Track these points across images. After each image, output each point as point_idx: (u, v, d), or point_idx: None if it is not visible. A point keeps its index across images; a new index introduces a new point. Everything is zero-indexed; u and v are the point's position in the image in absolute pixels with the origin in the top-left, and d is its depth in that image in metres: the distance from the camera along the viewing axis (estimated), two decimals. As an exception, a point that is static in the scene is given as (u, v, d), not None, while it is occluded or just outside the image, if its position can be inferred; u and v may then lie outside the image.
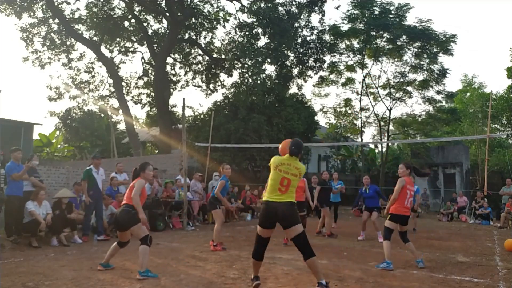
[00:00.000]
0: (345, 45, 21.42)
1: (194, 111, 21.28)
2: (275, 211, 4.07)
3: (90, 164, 8.57)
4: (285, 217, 4.05)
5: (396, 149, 28.85)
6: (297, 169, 4.20)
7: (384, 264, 5.61)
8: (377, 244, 8.25)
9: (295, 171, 4.18)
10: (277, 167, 4.22)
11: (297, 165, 4.22)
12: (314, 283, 4.75)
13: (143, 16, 21.76)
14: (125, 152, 25.11)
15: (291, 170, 4.18)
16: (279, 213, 4.05)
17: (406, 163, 6.04)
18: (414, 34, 19.43)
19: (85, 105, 23.27)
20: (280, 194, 4.11)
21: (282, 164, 4.22)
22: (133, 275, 5.07)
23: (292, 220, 4.06)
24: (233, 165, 17.71)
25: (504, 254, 7.30)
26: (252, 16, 18.19)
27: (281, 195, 4.10)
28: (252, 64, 17.19)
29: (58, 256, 6.38)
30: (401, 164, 6.03)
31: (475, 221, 14.25)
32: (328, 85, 22.43)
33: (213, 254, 6.65)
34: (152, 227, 9.86)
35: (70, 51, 21.06)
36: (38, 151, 26.65)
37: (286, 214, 4.05)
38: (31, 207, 7.21)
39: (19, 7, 18.39)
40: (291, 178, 4.15)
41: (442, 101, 21.79)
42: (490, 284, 4.96)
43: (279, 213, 4.05)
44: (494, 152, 23.29)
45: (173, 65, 23.37)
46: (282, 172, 4.17)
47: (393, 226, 5.75)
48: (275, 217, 4.08)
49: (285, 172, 4.17)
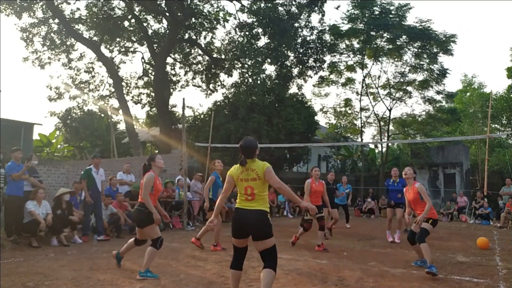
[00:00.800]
0: (345, 45, 21.42)
1: (194, 111, 21.31)
2: (244, 219, 3.67)
3: (90, 164, 8.57)
4: (255, 227, 3.63)
5: (396, 149, 28.84)
6: (253, 171, 3.70)
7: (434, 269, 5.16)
8: (377, 244, 8.24)
9: (253, 175, 3.69)
10: (238, 177, 3.77)
11: (253, 167, 3.72)
12: (314, 283, 4.76)
13: (143, 16, 21.76)
14: (125, 152, 25.12)
15: (250, 175, 3.71)
16: (249, 222, 3.65)
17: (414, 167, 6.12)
18: (414, 34, 19.43)
19: (85, 105, 23.30)
20: (248, 202, 3.70)
21: (241, 173, 3.76)
22: (133, 275, 5.07)
23: (262, 232, 3.62)
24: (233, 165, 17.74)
25: (504, 254, 7.29)
26: (252, 16, 18.19)
27: (249, 202, 3.69)
28: (252, 64, 17.19)
29: (58, 256, 6.38)
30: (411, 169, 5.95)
31: (475, 221, 14.24)
32: (328, 85, 22.43)
33: (213, 254, 6.65)
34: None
35: (70, 51, 21.07)
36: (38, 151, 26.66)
37: (256, 224, 3.63)
38: (31, 207, 7.22)
39: (19, 7, 18.39)
40: (252, 184, 3.68)
41: (442, 101, 21.80)
42: (490, 284, 4.96)
43: (249, 222, 3.65)
44: (494, 152, 23.29)
45: (173, 65, 23.38)
46: (243, 181, 3.74)
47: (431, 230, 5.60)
48: (245, 225, 3.67)
49: (245, 180, 3.73)
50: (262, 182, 3.69)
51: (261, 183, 3.68)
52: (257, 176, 3.68)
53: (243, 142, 3.82)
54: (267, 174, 3.67)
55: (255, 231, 3.63)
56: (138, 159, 16.48)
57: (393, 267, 5.82)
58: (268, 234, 3.63)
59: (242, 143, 3.81)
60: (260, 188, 3.69)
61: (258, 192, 3.68)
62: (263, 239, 3.61)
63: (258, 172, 3.69)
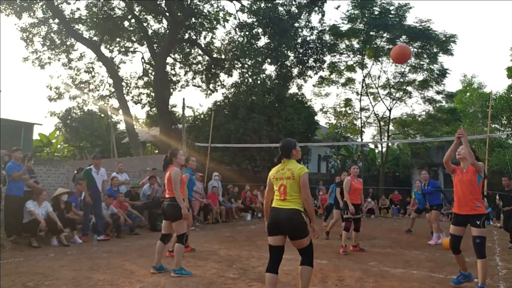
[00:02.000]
0: (345, 45, 21.42)
1: (194, 111, 21.28)
2: (278, 218, 3.75)
3: (91, 164, 8.57)
4: (290, 226, 3.70)
5: (396, 149, 28.84)
6: (288, 170, 3.81)
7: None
8: (377, 244, 8.24)
9: (288, 173, 3.80)
10: (273, 177, 3.91)
11: (289, 166, 3.84)
12: (314, 283, 4.76)
13: (143, 16, 21.74)
14: (125, 152, 25.11)
15: (285, 174, 3.82)
16: (283, 221, 3.71)
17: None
18: (414, 34, 19.43)
19: (85, 105, 23.25)
20: (281, 201, 3.79)
21: (277, 172, 3.89)
22: (133, 275, 5.08)
23: (298, 231, 3.69)
24: (233, 165, 17.74)
25: (504, 254, 7.29)
26: (252, 16, 18.17)
27: (283, 201, 3.78)
28: (252, 64, 17.18)
29: (58, 256, 6.38)
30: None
31: (475, 221, 14.23)
32: (328, 85, 22.44)
33: (213, 254, 6.65)
34: (152, 227, 9.89)
35: (70, 51, 21.04)
36: (38, 151, 26.70)
37: (290, 223, 3.69)
38: (31, 207, 7.22)
39: (19, 7, 18.37)
40: (285, 182, 3.78)
41: (442, 101, 21.80)
42: (490, 284, 4.96)
43: (283, 221, 3.71)
44: (494, 152, 23.25)
45: (173, 65, 23.35)
46: (279, 179, 3.85)
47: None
48: (279, 224, 3.74)
49: (280, 179, 3.83)
50: (296, 182, 3.74)
51: (295, 183, 3.75)
52: (291, 175, 3.76)
53: (282, 142, 3.97)
54: (302, 179, 3.74)
55: (290, 230, 3.70)
56: (138, 159, 16.48)
57: (393, 267, 5.82)
58: (304, 233, 3.70)
59: (280, 143, 3.95)
60: (293, 187, 3.75)
61: (290, 191, 3.74)
62: (299, 239, 3.69)
63: (294, 172, 3.77)
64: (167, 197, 5.25)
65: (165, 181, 5.32)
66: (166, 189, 5.28)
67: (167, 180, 5.22)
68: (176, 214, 5.10)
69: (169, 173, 5.19)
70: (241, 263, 5.90)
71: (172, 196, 5.14)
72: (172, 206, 5.12)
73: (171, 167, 5.27)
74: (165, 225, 5.31)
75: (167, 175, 5.24)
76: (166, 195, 5.31)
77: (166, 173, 5.28)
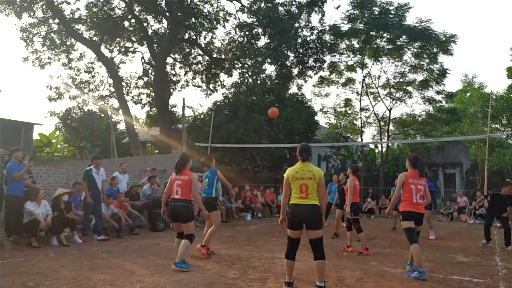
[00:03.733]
0: (345, 45, 21.39)
1: (194, 111, 21.28)
2: (300, 213, 4.30)
3: (90, 164, 8.57)
4: (310, 219, 4.28)
5: (396, 149, 28.84)
6: (309, 171, 4.37)
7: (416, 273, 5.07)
8: (377, 244, 8.26)
9: (309, 174, 4.36)
10: (293, 176, 4.41)
11: (310, 168, 4.40)
12: (314, 283, 4.76)
13: (143, 16, 21.76)
14: (125, 152, 25.11)
15: (306, 175, 4.36)
16: (305, 216, 4.29)
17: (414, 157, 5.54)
18: (414, 34, 19.40)
19: (85, 105, 23.29)
20: (302, 199, 4.32)
21: (297, 172, 4.41)
22: (133, 275, 5.08)
23: (315, 223, 4.29)
24: (233, 165, 17.74)
25: (504, 254, 7.30)
26: (252, 16, 18.18)
27: (304, 199, 4.31)
28: (252, 64, 17.18)
29: (58, 256, 6.37)
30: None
31: (475, 221, 14.23)
32: (328, 85, 22.42)
33: (213, 254, 6.64)
34: (152, 227, 9.88)
35: (70, 51, 21.07)
36: (38, 151, 26.71)
37: (310, 216, 4.28)
38: (30, 207, 7.22)
39: (19, 7, 18.39)
40: (307, 182, 4.34)
41: (442, 101, 21.77)
42: (490, 284, 4.96)
43: (305, 216, 4.29)
44: (494, 152, 23.28)
45: (173, 65, 23.38)
46: (299, 179, 4.37)
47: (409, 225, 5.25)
48: (301, 218, 4.30)
49: (301, 178, 4.37)
50: (316, 183, 4.35)
51: (315, 183, 4.35)
52: (313, 176, 4.35)
53: (304, 145, 4.59)
54: (321, 181, 4.38)
55: (310, 222, 4.28)
56: (138, 159, 16.49)
57: (393, 267, 5.82)
58: (320, 225, 4.32)
59: (303, 146, 4.58)
60: (313, 186, 4.34)
61: (312, 190, 4.33)
62: (316, 229, 4.29)
63: (315, 173, 4.37)
64: (178, 199, 5.46)
65: (179, 183, 5.52)
66: (179, 192, 5.47)
67: (184, 183, 5.48)
68: (189, 216, 5.47)
69: (190, 177, 5.52)
70: (241, 263, 5.91)
71: (186, 199, 5.45)
72: (186, 208, 5.45)
73: (186, 170, 5.60)
74: (176, 225, 5.69)
75: (184, 179, 5.50)
76: (175, 197, 5.49)
77: (180, 176, 5.54)
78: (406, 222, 5.28)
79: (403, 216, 5.32)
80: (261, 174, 18.28)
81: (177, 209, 5.44)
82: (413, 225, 5.26)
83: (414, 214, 5.25)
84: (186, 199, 5.46)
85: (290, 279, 4.45)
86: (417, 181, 5.33)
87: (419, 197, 5.30)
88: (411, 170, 5.42)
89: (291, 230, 4.39)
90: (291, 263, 4.43)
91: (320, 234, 4.30)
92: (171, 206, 5.53)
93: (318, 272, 4.30)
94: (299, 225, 4.33)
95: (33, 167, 7.67)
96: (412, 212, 5.24)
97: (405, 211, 5.28)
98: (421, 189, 5.32)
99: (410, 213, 5.25)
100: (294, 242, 4.42)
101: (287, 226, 4.41)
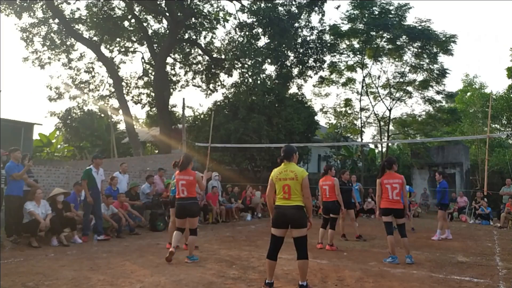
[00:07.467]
0: (345, 45, 21.41)
1: (194, 111, 21.24)
2: (284, 214, 4.35)
3: (90, 164, 8.57)
4: (293, 218, 4.32)
5: (396, 149, 28.84)
6: (292, 172, 4.40)
7: (390, 259, 6.14)
8: (377, 244, 8.27)
9: (291, 175, 4.38)
10: (276, 177, 4.47)
11: (292, 169, 4.43)
12: (314, 283, 4.76)
13: (143, 16, 21.75)
14: (125, 152, 25.11)
15: (288, 175, 4.39)
16: (289, 216, 4.33)
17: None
18: (414, 34, 19.41)
19: (85, 105, 23.30)
20: (285, 199, 4.36)
21: (280, 173, 4.46)
22: (133, 275, 5.08)
23: (299, 222, 4.32)
24: (233, 165, 17.73)
25: (504, 254, 7.30)
26: (252, 16, 18.16)
27: (286, 200, 4.35)
28: (252, 64, 17.17)
29: (58, 256, 6.38)
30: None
31: (475, 221, 14.24)
32: (328, 85, 22.42)
33: (213, 254, 6.65)
34: (152, 227, 9.89)
35: (70, 51, 21.06)
36: (38, 151, 26.70)
37: (295, 216, 4.32)
38: (30, 207, 7.21)
39: (19, 7, 18.38)
40: (289, 183, 4.36)
41: (442, 101, 21.78)
42: (490, 284, 4.96)
43: (289, 216, 4.33)
44: (494, 152, 23.28)
45: (173, 65, 23.37)
46: (282, 180, 4.42)
47: (387, 219, 6.23)
48: (285, 218, 4.35)
49: (284, 179, 4.40)
50: (298, 183, 4.36)
51: (297, 183, 4.36)
52: (295, 177, 4.36)
53: (285, 146, 4.63)
54: (304, 181, 4.37)
55: (294, 221, 4.32)
56: (138, 159, 16.49)
57: (393, 267, 5.83)
58: (304, 224, 4.35)
59: (284, 147, 4.62)
60: (296, 187, 4.35)
61: (294, 190, 4.34)
62: (300, 228, 4.32)
63: (297, 174, 4.37)
64: (185, 197, 5.98)
65: (183, 183, 6.00)
66: (185, 191, 5.98)
67: (189, 183, 5.99)
68: (198, 212, 6.27)
69: (194, 177, 6.04)
70: (241, 263, 5.91)
71: (193, 196, 6.01)
72: (195, 204, 6.07)
73: (189, 170, 6.10)
74: (181, 222, 6.06)
75: (189, 179, 6.00)
76: (181, 196, 6.00)
77: (185, 176, 6.02)
78: (384, 217, 6.24)
79: (381, 212, 6.26)
80: (261, 174, 18.25)
81: (188, 206, 5.97)
82: (390, 219, 6.24)
83: (390, 210, 6.19)
84: (193, 196, 6.01)
85: (271, 279, 4.44)
86: (392, 180, 6.20)
87: (395, 194, 6.15)
88: (387, 172, 6.29)
89: (274, 228, 4.43)
90: (273, 263, 4.44)
91: (304, 233, 4.33)
92: (180, 205, 6.02)
93: (301, 271, 4.35)
94: (283, 224, 4.37)
95: (33, 167, 7.65)
96: (388, 208, 6.19)
97: (383, 208, 6.24)
98: (397, 187, 6.15)
99: (386, 209, 6.20)
100: (277, 241, 4.42)
101: (271, 225, 4.48)
